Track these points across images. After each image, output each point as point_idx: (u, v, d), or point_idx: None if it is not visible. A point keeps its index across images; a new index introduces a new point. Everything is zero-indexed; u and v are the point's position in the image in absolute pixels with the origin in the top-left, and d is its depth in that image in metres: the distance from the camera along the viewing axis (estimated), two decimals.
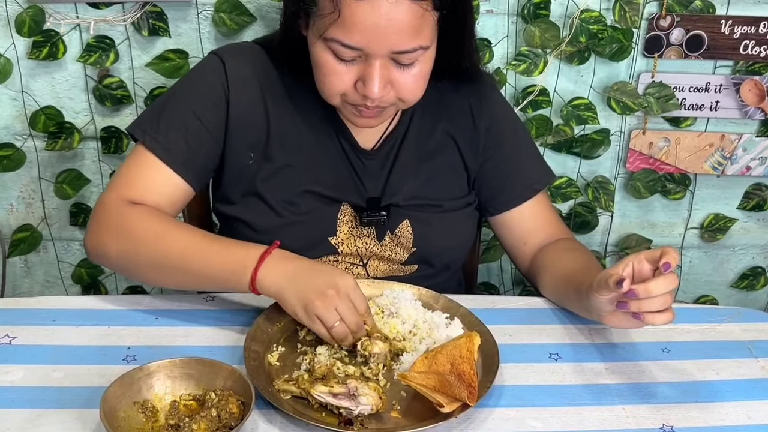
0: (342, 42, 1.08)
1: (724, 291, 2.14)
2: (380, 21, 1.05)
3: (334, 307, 1.05)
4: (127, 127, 1.27)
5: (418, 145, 1.31)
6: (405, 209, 1.30)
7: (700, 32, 1.76)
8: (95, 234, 1.20)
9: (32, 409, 0.96)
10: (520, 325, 1.21)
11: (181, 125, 1.22)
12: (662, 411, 1.03)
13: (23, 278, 2.00)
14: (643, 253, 1.05)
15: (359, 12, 1.05)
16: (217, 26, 1.69)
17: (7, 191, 1.87)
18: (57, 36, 1.68)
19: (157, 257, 1.14)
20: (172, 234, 1.16)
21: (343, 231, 1.28)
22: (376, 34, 1.06)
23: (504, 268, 2.04)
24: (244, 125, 1.25)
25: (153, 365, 0.97)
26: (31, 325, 1.13)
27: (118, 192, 1.21)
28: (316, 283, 1.07)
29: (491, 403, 1.02)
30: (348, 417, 0.97)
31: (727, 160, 1.90)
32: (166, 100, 1.26)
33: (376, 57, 1.09)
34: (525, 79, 1.79)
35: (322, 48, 1.11)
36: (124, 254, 1.17)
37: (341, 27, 1.06)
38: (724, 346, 1.18)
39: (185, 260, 1.13)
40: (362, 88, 1.12)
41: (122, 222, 1.17)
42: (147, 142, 1.22)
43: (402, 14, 1.05)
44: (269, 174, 1.25)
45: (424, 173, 1.31)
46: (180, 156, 1.22)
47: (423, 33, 1.10)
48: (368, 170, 1.29)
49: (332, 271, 1.10)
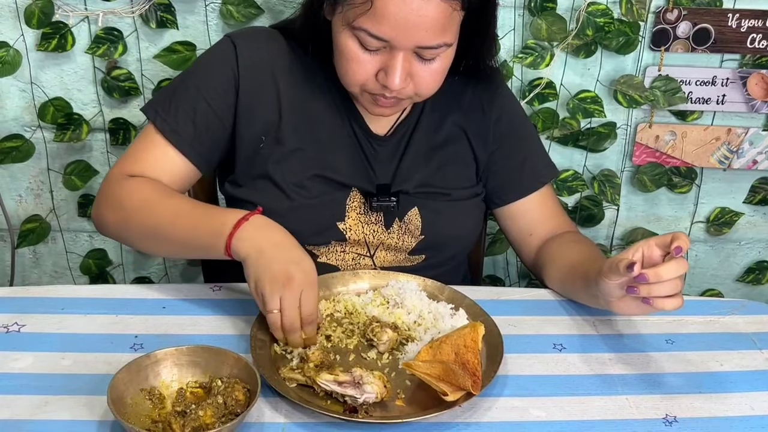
0: (370, 32, 1.10)
1: (730, 285, 2.14)
2: (410, 16, 1.07)
3: (279, 295, 1.03)
4: (142, 107, 1.31)
5: (429, 134, 1.33)
6: (414, 197, 1.31)
7: (707, 26, 1.76)
8: (97, 206, 1.26)
9: (41, 395, 0.97)
10: (524, 316, 1.21)
11: (190, 108, 1.25)
12: (666, 401, 1.04)
13: (32, 269, 2.01)
14: (653, 239, 1.06)
15: (391, 5, 1.07)
16: (224, 18, 1.70)
17: (16, 182, 1.88)
18: (66, 28, 1.69)
19: (147, 226, 1.19)
20: (160, 203, 1.19)
21: (351, 216, 1.29)
22: (405, 27, 1.08)
23: (510, 261, 2.04)
24: (254, 110, 1.26)
25: (160, 353, 0.98)
26: (39, 314, 1.14)
27: (123, 168, 1.25)
28: (278, 266, 1.05)
29: (495, 393, 1.03)
30: (353, 405, 0.97)
31: (734, 154, 1.90)
32: (179, 82, 1.29)
33: (401, 49, 1.11)
34: (531, 72, 1.79)
35: (348, 36, 1.13)
36: (118, 224, 1.22)
37: (371, 17, 1.08)
38: (729, 338, 1.19)
39: (172, 228, 1.17)
40: (384, 78, 1.14)
41: (118, 193, 1.22)
42: (157, 123, 1.25)
43: (432, 11, 1.08)
44: (280, 157, 1.27)
45: (435, 162, 1.33)
46: (187, 137, 1.25)
47: (449, 31, 1.12)
48: (379, 156, 1.31)
49: (298, 259, 1.07)
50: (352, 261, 1.30)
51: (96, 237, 1.96)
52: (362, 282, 1.23)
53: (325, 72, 1.27)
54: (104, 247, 1.97)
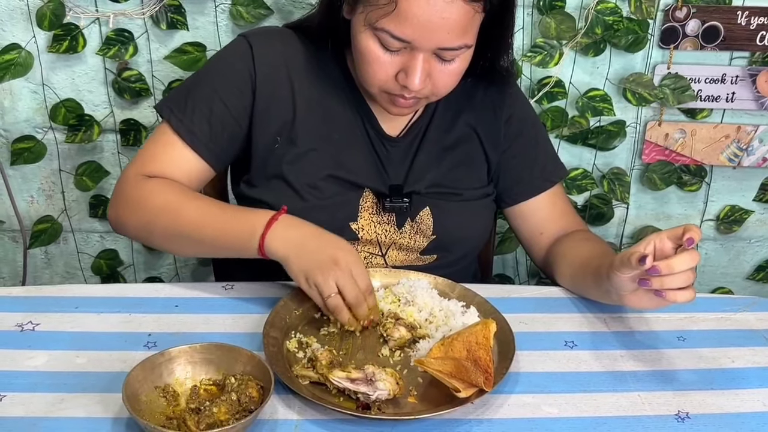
0: (392, 33, 1.10)
1: (740, 283, 2.13)
2: (433, 17, 1.08)
3: (334, 278, 1.08)
4: (156, 105, 1.31)
5: (441, 134, 1.34)
6: (426, 197, 1.31)
7: (716, 23, 1.76)
8: (115, 207, 1.26)
9: (56, 393, 0.98)
10: (535, 314, 1.21)
11: (206, 108, 1.25)
12: (678, 398, 1.04)
13: (44, 269, 2.02)
14: (664, 232, 1.05)
15: (414, 6, 1.07)
16: (234, 19, 1.71)
17: (27, 183, 1.90)
18: (77, 29, 1.70)
19: (172, 228, 1.19)
20: (185, 205, 1.20)
21: (363, 217, 1.29)
22: (427, 29, 1.09)
23: (519, 260, 2.04)
24: (270, 110, 1.27)
25: (174, 350, 0.99)
26: (53, 312, 1.15)
27: (139, 167, 1.26)
28: (319, 253, 1.10)
29: (507, 390, 1.03)
30: (365, 402, 0.98)
31: (744, 152, 1.90)
32: (194, 81, 1.30)
33: (422, 50, 1.12)
34: (540, 71, 1.79)
35: (370, 36, 1.13)
36: (141, 226, 1.23)
37: (395, 19, 1.09)
38: (740, 334, 1.19)
39: (199, 230, 1.18)
40: (403, 78, 1.15)
41: (139, 195, 1.22)
42: (172, 122, 1.26)
43: (455, 13, 1.09)
44: (294, 157, 1.27)
45: (446, 162, 1.33)
46: (203, 138, 1.25)
47: (469, 32, 1.13)
48: (392, 157, 1.31)
49: (336, 243, 1.13)
50: (364, 260, 1.31)
51: (107, 237, 1.98)
52: (374, 280, 1.22)
53: (339, 71, 1.28)
54: (115, 248, 1.98)
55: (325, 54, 1.28)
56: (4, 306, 1.16)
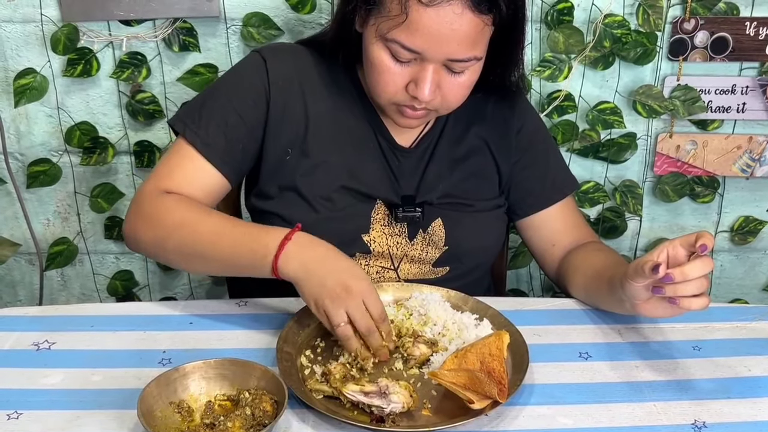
0: (403, 44, 1.12)
1: (757, 295, 2.11)
2: (443, 29, 1.10)
3: (344, 307, 1.05)
4: (169, 120, 1.32)
5: (452, 146, 1.35)
6: (438, 207, 1.32)
7: (725, 34, 1.76)
8: (131, 222, 1.25)
9: (72, 410, 0.99)
10: (549, 326, 1.21)
11: (221, 120, 1.26)
12: (694, 407, 1.03)
13: (60, 291, 2.04)
14: (677, 239, 1.05)
15: (425, 17, 1.09)
16: (245, 40, 1.73)
17: (43, 206, 1.92)
18: (91, 53, 1.73)
19: (187, 245, 1.18)
20: (200, 222, 1.19)
21: (375, 228, 1.30)
22: (437, 40, 1.11)
23: (533, 274, 2.04)
24: (283, 123, 1.28)
25: (188, 366, 0.99)
26: (69, 331, 1.16)
27: (156, 183, 1.25)
28: (332, 281, 1.07)
29: (522, 401, 1.03)
30: (380, 415, 0.98)
31: (756, 162, 1.89)
32: (208, 95, 1.31)
33: (432, 62, 1.14)
34: (550, 85, 1.80)
35: (381, 47, 1.15)
36: (155, 241, 1.22)
37: (405, 30, 1.11)
38: (756, 343, 1.18)
39: (213, 248, 1.17)
40: (413, 89, 1.16)
41: (154, 211, 1.22)
42: (188, 136, 1.26)
43: (465, 25, 1.10)
44: (307, 169, 1.28)
45: (458, 173, 1.34)
46: (219, 150, 1.26)
47: (479, 45, 1.15)
48: (404, 168, 1.32)
49: (350, 271, 1.09)
50: (376, 274, 1.31)
51: (122, 258, 1.99)
52: (386, 294, 1.24)
53: (351, 84, 1.30)
54: (131, 269, 1.99)
55: (337, 68, 1.30)
56: (21, 325, 1.17)
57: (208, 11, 1.69)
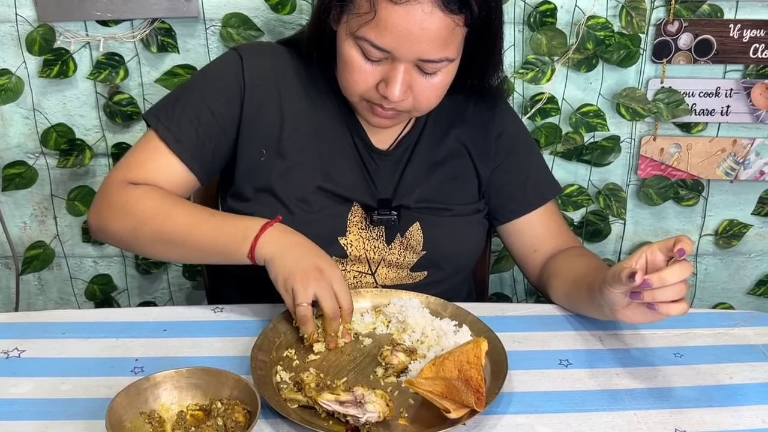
0: (372, 42, 1.11)
1: (741, 298, 2.11)
2: (413, 27, 1.08)
3: (313, 288, 1.08)
4: (143, 113, 1.31)
5: (431, 149, 1.33)
6: (415, 212, 1.30)
7: (709, 37, 1.75)
8: (98, 212, 1.24)
9: (40, 420, 0.96)
10: (529, 332, 1.19)
11: (194, 117, 1.25)
12: (675, 415, 1.01)
13: (37, 296, 2.01)
14: (656, 244, 1.04)
15: (394, 16, 1.08)
16: (224, 41, 1.71)
17: (20, 209, 1.89)
18: (67, 54, 1.70)
19: (161, 233, 1.18)
20: (175, 210, 1.19)
21: (352, 232, 1.28)
22: (407, 39, 1.09)
23: (516, 278, 2.02)
24: (257, 123, 1.27)
25: (159, 375, 0.97)
26: (40, 338, 1.13)
27: (125, 174, 1.24)
28: (306, 261, 1.11)
29: (500, 410, 1.01)
30: (355, 425, 0.96)
31: (740, 165, 1.89)
32: (183, 90, 1.29)
33: (402, 61, 1.13)
34: (533, 87, 1.79)
35: (352, 45, 1.14)
36: (127, 231, 1.21)
37: (374, 28, 1.10)
38: (738, 350, 1.17)
39: (189, 234, 1.18)
40: (384, 89, 1.15)
41: (125, 201, 1.21)
42: (159, 130, 1.25)
43: (434, 25, 1.09)
44: (283, 170, 1.27)
45: (436, 177, 1.33)
46: (190, 147, 1.25)
47: (451, 46, 1.13)
48: (381, 170, 1.31)
49: (326, 258, 1.14)
50: (353, 279, 1.29)
51: (101, 262, 1.96)
52: (364, 300, 1.22)
53: (328, 85, 1.28)
54: (109, 272, 1.96)
55: (315, 69, 1.29)
56: None
57: (187, 12, 1.67)
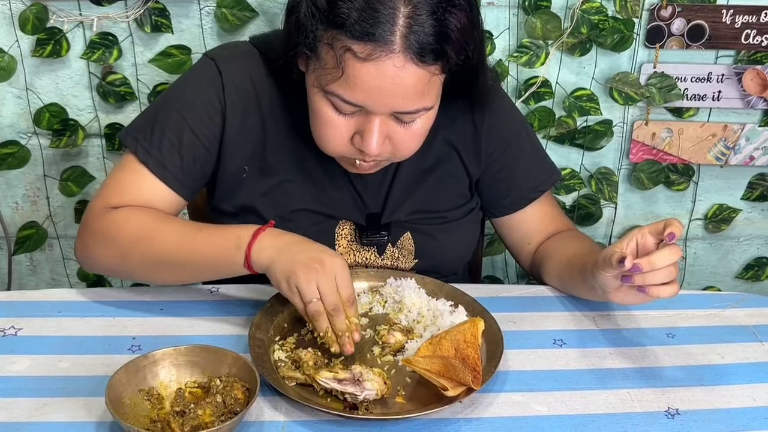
0: (343, 98, 1.04)
1: (730, 282, 2.13)
2: (384, 83, 1.01)
3: (316, 282, 1.01)
4: (119, 134, 1.23)
5: (419, 157, 1.22)
6: (406, 223, 1.28)
7: (702, 22, 1.76)
8: (83, 243, 1.19)
9: (38, 398, 0.97)
10: (524, 313, 1.21)
11: (176, 139, 1.18)
12: (667, 394, 1.03)
13: (29, 276, 2.00)
14: (646, 227, 1.05)
15: (363, 72, 1.00)
16: (219, 22, 1.70)
17: (12, 189, 1.88)
18: (60, 33, 1.69)
19: (150, 256, 1.13)
20: (159, 230, 1.13)
21: (342, 245, 1.26)
22: (379, 95, 1.02)
23: (509, 261, 2.04)
24: (239, 138, 1.21)
25: (158, 353, 0.97)
26: (36, 317, 1.13)
27: (105, 200, 1.18)
28: (304, 256, 1.03)
29: (496, 388, 1.02)
30: (353, 402, 0.97)
31: (731, 150, 1.90)
32: (159, 108, 1.21)
33: (377, 114, 1.06)
34: (527, 71, 1.79)
35: (321, 98, 1.07)
36: (114, 259, 1.16)
37: (343, 84, 1.02)
38: (729, 330, 1.18)
39: (178, 255, 1.11)
40: (359, 142, 1.08)
41: (107, 227, 1.15)
42: (140, 154, 1.18)
43: (408, 79, 1.01)
44: (266, 189, 1.23)
45: (425, 186, 1.28)
46: (175, 171, 1.18)
47: (428, 95, 1.06)
48: (368, 186, 1.26)
49: (323, 249, 1.06)
50: None
51: None
52: (360, 281, 1.22)
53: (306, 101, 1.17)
54: None
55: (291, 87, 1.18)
56: None
57: None
